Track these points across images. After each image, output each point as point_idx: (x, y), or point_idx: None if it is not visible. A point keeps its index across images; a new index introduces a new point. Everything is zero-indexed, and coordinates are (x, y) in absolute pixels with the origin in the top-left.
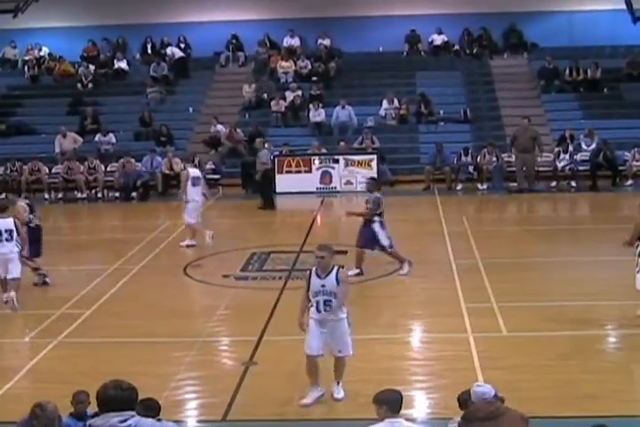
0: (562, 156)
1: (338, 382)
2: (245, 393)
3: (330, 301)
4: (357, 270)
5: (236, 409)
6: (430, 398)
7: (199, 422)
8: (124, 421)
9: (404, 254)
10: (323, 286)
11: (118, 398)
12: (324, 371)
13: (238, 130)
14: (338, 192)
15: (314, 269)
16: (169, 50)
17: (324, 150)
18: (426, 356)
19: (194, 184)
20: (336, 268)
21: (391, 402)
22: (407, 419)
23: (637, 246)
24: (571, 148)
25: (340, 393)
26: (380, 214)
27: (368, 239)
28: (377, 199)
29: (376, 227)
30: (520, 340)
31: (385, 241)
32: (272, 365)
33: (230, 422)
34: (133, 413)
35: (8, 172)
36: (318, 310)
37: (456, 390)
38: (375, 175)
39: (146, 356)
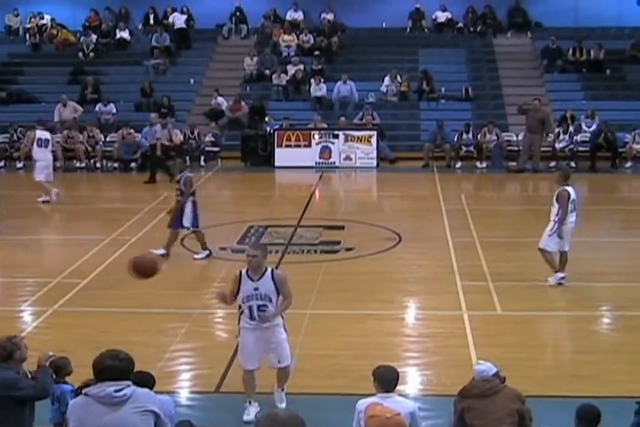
0: (561, 136)
1: (282, 389)
2: (239, 365)
3: (265, 306)
4: (206, 252)
5: (230, 381)
6: (423, 374)
7: (192, 393)
8: (120, 390)
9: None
10: (256, 289)
11: (114, 368)
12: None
13: (243, 102)
14: (337, 167)
15: (244, 270)
16: (171, 18)
17: (324, 125)
18: (420, 332)
19: (39, 145)
20: (269, 268)
21: (383, 378)
22: (400, 395)
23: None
24: (571, 128)
25: (283, 402)
26: (192, 193)
27: (176, 218)
28: (188, 179)
29: (188, 206)
30: (514, 319)
31: (187, 222)
32: None
33: (223, 394)
34: (129, 382)
35: (11, 138)
36: (252, 318)
37: (449, 367)
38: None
39: (141, 326)
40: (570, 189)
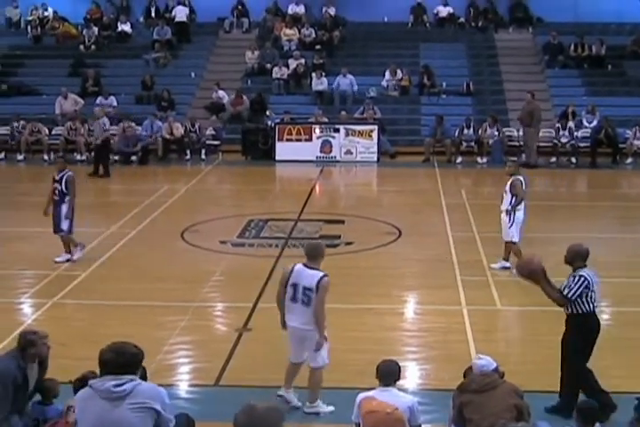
0: (561, 132)
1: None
2: (238, 359)
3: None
4: (68, 255)
5: (229, 375)
6: (422, 369)
7: (191, 386)
8: (120, 385)
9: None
10: None
11: (114, 362)
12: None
13: (244, 96)
14: (337, 162)
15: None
16: (173, 11)
17: (325, 119)
18: (419, 327)
19: None
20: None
21: (382, 372)
22: (399, 389)
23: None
24: (572, 124)
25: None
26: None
27: (54, 218)
28: (72, 178)
29: (64, 209)
30: (514, 314)
31: (65, 225)
32: (266, 332)
33: (222, 388)
34: (133, 377)
35: (12, 131)
36: None
37: (448, 362)
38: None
39: (140, 319)
40: (522, 178)
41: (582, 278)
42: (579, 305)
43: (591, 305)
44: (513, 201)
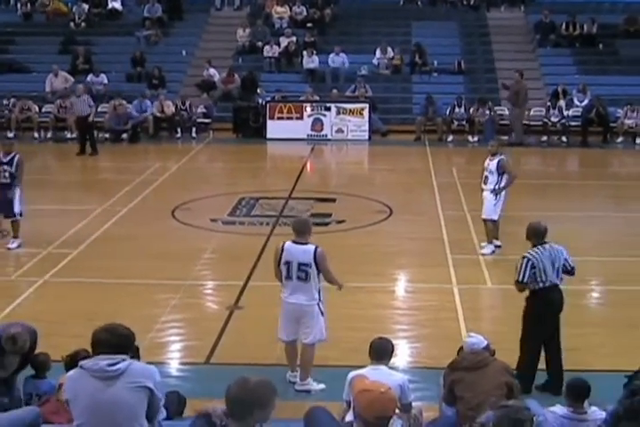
0: (552, 111)
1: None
2: (229, 337)
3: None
4: (20, 240)
5: (220, 352)
6: (413, 347)
7: (182, 364)
8: (114, 364)
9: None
10: None
11: (108, 342)
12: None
13: (235, 75)
14: (329, 140)
15: None
16: None
17: (316, 97)
18: (410, 305)
19: None
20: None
21: (373, 349)
22: (390, 367)
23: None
24: (562, 103)
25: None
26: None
27: (4, 202)
28: (21, 160)
29: (17, 192)
30: (504, 292)
31: (17, 208)
32: (257, 310)
33: (213, 365)
34: (125, 357)
35: (3, 109)
36: None
37: (438, 340)
38: None
39: (131, 297)
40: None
41: (526, 260)
42: (530, 284)
43: (540, 283)
44: (503, 180)
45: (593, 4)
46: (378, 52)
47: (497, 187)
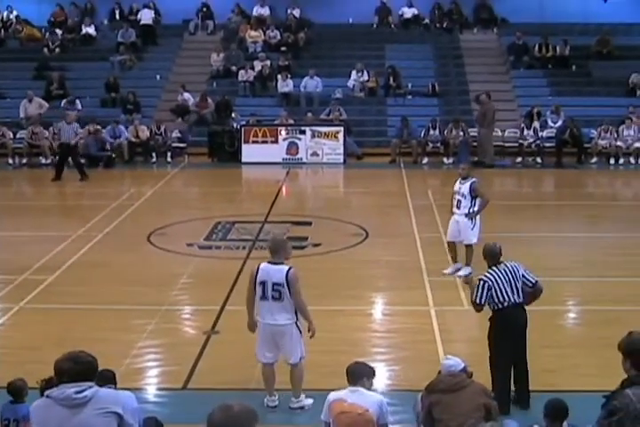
0: (526, 132)
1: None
2: (207, 362)
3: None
4: None
5: (197, 378)
6: (390, 369)
7: (160, 389)
8: (81, 392)
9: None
10: None
11: (72, 370)
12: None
13: (209, 99)
14: (304, 163)
15: None
16: (139, 14)
17: (291, 121)
18: (387, 328)
19: None
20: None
21: (350, 373)
22: (368, 389)
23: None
24: (536, 124)
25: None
26: None
27: None
28: None
29: None
30: (481, 314)
31: None
32: (234, 334)
33: (191, 391)
34: (91, 384)
35: None
36: None
37: (416, 363)
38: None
39: (108, 323)
40: None
41: (482, 282)
42: (490, 304)
43: (499, 304)
44: (476, 204)
45: (565, 26)
46: (353, 74)
47: (471, 211)
